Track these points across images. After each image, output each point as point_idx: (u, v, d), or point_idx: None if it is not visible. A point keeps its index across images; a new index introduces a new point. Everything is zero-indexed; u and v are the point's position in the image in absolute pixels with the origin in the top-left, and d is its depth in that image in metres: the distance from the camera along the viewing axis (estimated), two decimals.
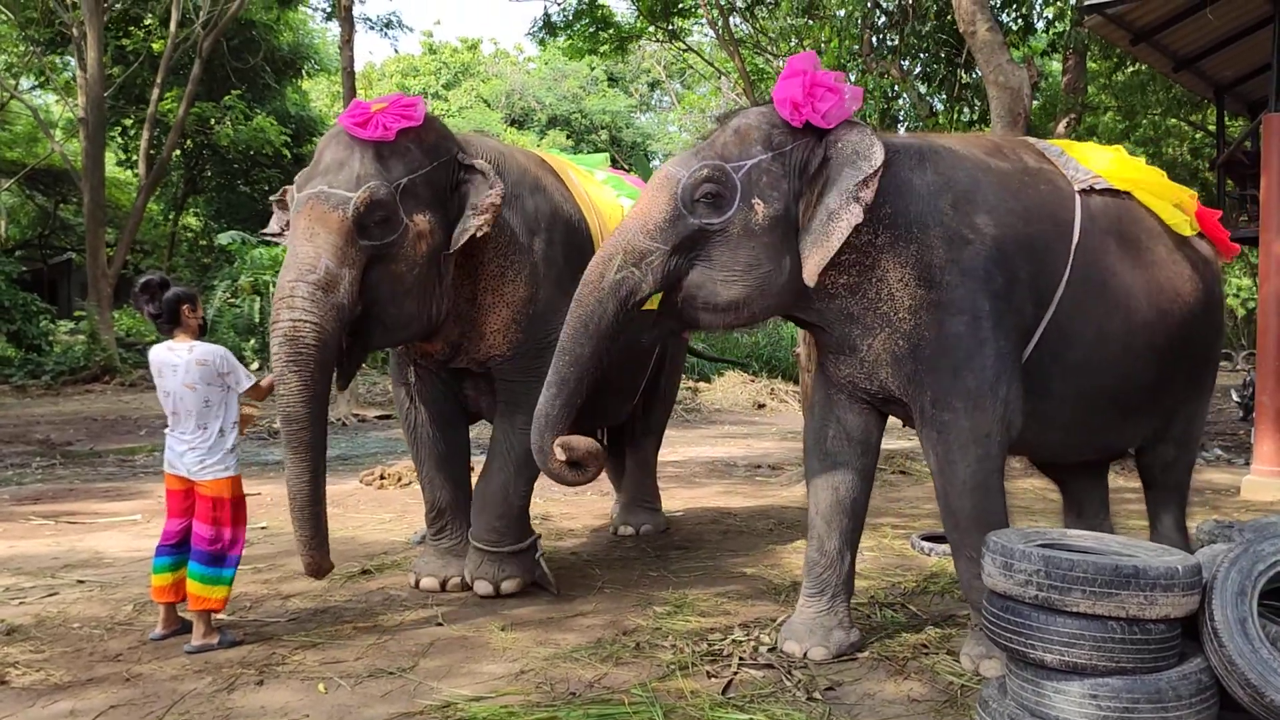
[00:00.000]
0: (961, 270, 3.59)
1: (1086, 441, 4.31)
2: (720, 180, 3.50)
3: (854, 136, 3.57)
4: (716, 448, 11.10)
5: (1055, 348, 3.78)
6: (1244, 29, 10.03)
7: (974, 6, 8.10)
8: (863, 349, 3.73)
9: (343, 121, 4.21)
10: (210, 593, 4.01)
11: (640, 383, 5.83)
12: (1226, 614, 2.97)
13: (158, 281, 4.10)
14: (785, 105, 3.56)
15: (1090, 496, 4.91)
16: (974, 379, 3.60)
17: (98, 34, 18.51)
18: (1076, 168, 4.07)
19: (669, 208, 3.52)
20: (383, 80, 36.90)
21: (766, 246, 3.53)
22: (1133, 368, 4.00)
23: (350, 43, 13.68)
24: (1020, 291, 3.70)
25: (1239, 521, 4.08)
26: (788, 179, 3.55)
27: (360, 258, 4.05)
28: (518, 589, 4.73)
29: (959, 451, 3.64)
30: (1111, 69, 14.36)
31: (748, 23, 16.49)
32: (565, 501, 7.43)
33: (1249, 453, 8.86)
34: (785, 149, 3.56)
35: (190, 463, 4.04)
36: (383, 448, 10.76)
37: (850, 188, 3.46)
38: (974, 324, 3.60)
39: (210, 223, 26.93)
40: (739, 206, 3.50)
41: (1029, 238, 3.72)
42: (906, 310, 3.61)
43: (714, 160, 3.53)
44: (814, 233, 3.51)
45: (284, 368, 3.95)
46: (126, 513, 6.89)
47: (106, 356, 17.67)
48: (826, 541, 3.99)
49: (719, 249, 3.53)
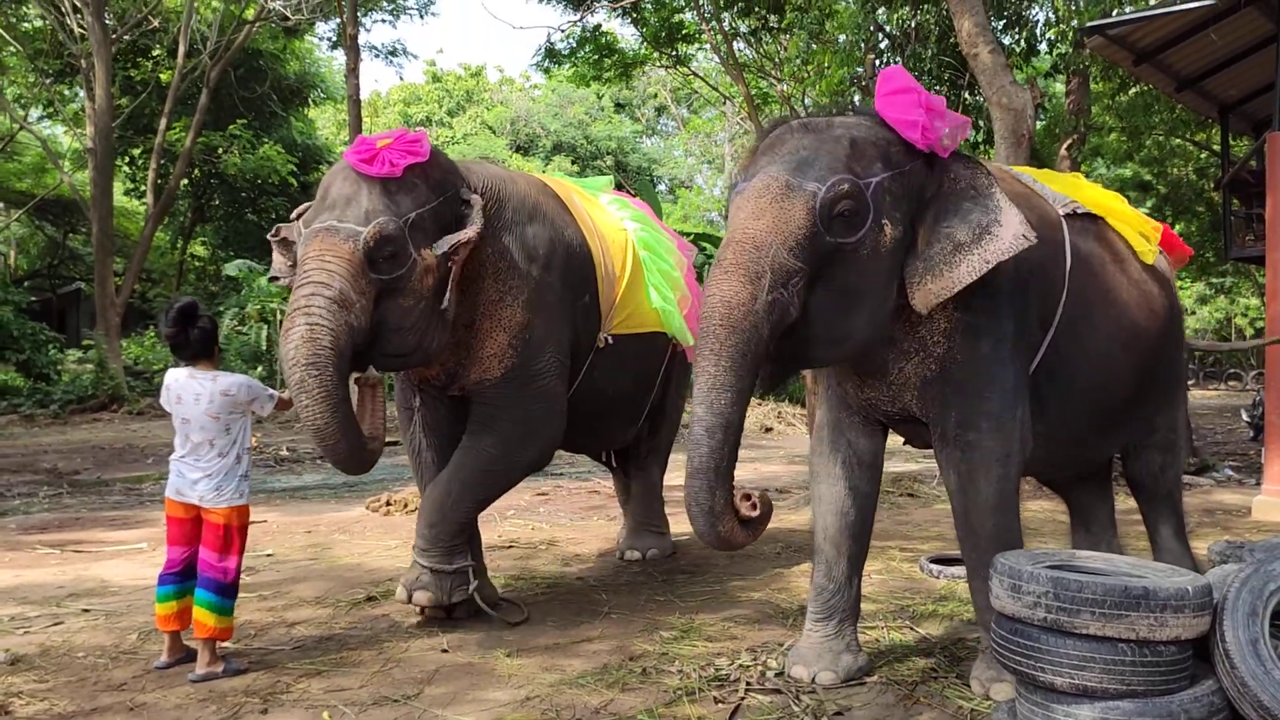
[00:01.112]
0: (990, 293, 3.57)
1: (1069, 456, 4.39)
2: (858, 197, 3.25)
3: (969, 172, 3.50)
4: None
5: (1052, 367, 3.82)
6: (1247, 49, 10.05)
7: (976, 29, 8.14)
8: (893, 372, 3.69)
9: (348, 158, 4.24)
10: (218, 621, 3.99)
11: (645, 405, 5.82)
12: (1238, 635, 2.94)
13: (193, 307, 4.09)
14: (913, 128, 3.40)
15: (1097, 513, 4.94)
16: (998, 401, 3.61)
17: (106, 65, 18.68)
18: (1053, 193, 4.16)
19: (808, 223, 3.22)
20: (387, 108, 37.13)
21: (888, 271, 3.39)
22: (1115, 382, 4.12)
23: (355, 71, 13.78)
24: (1032, 313, 3.74)
25: (1250, 542, 4.04)
26: (907, 200, 3.41)
27: (371, 290, 4.08)
28: (428, 602, 4.57)
29: (982, 471, 3.63)
30: (1115, 90, 14.38)
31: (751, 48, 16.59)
32: (571, 527, 7.40)
33: (1260, 473, 8.80)
34: (904, 169, 3.39)
35: (204, 490, 4.02)
36: (389, 474, 10.73)
37: (982, 224, 3.38)
38: (998, 346, 3.62)
39: (218, 251, 27.07)
40: (870, 226, 3.28)
41: (1038, 261, 3.73)
42: (942, 333, 3.60)
43: (849, 176, 3.27)
44: (932, 260, 3.40)
45: (304, 372, 3.89)
46: (133, 541, 6.88)
47: (114, 385, 17.71)
48: (834, 566, 3.96)
49: (844, 271, 3.30)
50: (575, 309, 4.89)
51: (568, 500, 8.72)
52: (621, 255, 5.26)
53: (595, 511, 8.18)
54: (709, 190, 37.62)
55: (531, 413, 4.69)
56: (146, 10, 20.53)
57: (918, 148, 3.43)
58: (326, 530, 7.26)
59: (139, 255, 20.93)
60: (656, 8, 16.97)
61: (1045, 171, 4.61)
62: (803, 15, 11.98)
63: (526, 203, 4.77)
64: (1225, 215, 12.63)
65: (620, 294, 5.16)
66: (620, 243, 5.32)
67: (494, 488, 4.81)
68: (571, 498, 8.88)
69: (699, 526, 3.28)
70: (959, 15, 8.28)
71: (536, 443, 4.79)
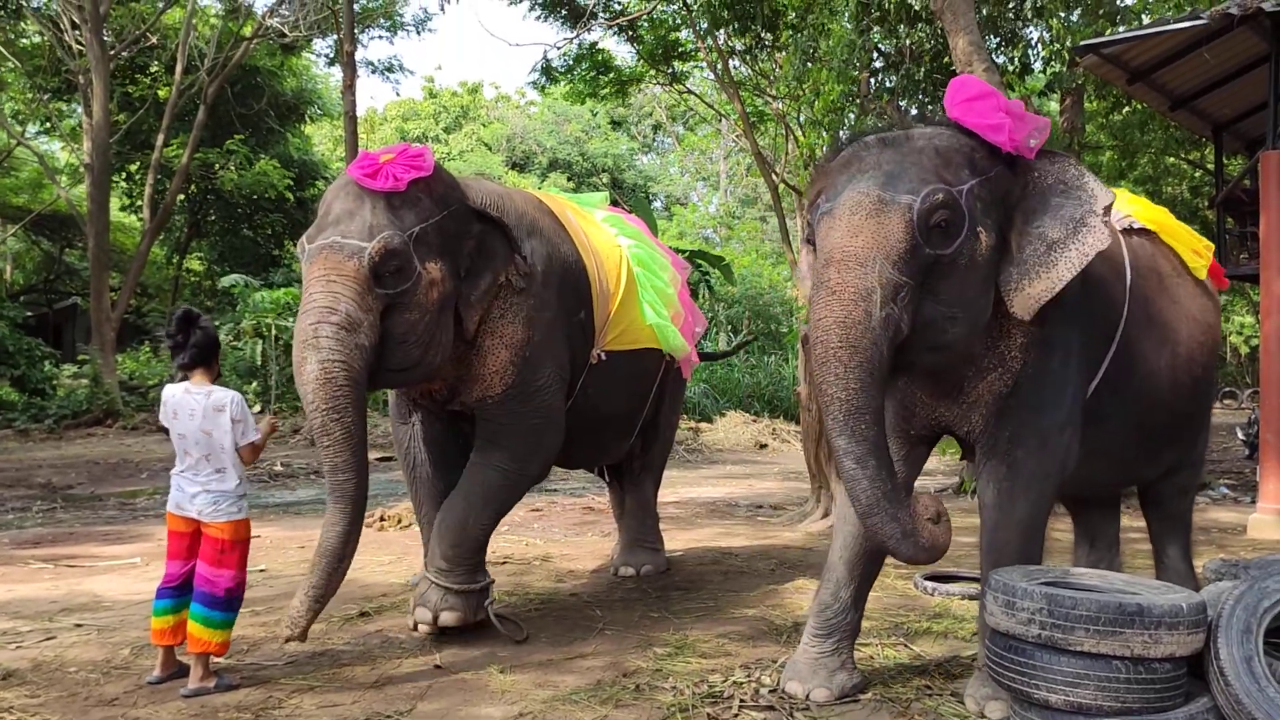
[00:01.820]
0: (1064, 306, 3.53)
1: (1124, 473, 4.42)
2: (953, 206, 3.22)
3: (1055, 166, 3.46)
4: (718, 488, 11.05)
5: (1115, 382, 3.81)
6: (1241, 68, 10.11)
7: (970, 48, 8.18)
8: (967, 389, 3.64)
9: (352, 173, 4.24)
10: (211, 635, 3.97)
11: (639, 420, 5.82)
12: (1232, 652, 2.94)
13: (194, 314, 4.07)
14: (999, 131, 3.36)
15: (1104, 531, 4.95)
16: (1049, 419, 3.60)
17: (104, 81, 18.71)
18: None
19: (907, 237, 3.17)
20: (384, 124, 37.21)
21: (985, 279, 3.35)
22: (1175, 397, 4.12)
23: (352, 88, 13.81)
24: (1097, 329, 3.73)
25: (1245, 559, 4.05)
26: (997, 207, 3.38)
27: (377, 306, 4.09)
28: (456, 622, 4.57)
29: (1023, 489, 3.62)
30: (1109, 108, 14.47)
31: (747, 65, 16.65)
32: (565, 543, 7.39)
33: (1255, 491, 8.81)
34: (990, 174, 3.36)
35: (203, 504, 4.01)
36: (383, 489, 10.71)
37: (1076, 217, 3.34)
38: (1065, 361, 3.60)
39: (213, 266, 27.05)
40: (966, 235, 3.25)
41: (1101, 276, 3.73)
42: (1019, 348, 3.56)
43: (940, 184, 3.23)
44: (1028, 263, 3.35)
45: (325, 418, 3.94)
46: (126, 556, 6.85)
47: (109, 400, 17.67)
48: (844, 588, 3.92)
49: (944, 282, 3.25)
50: (571, 325, 4.90)
51: (562, 516, 8.71)
52: (616, 272, 5.28)
53: (589, 527, 8.17)
54: (704, 207, 37.70)
55: (535, 427, 4.73)
56: (145, 27, 20.61)
57: (1000, 152, 3.38)
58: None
59: (135, 270, 20.93)
60: (652, 25, 17.03)
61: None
62: (797, 33, 12.04)
63: (525, 219, 4.79)
64: (1219, 234, 12.66)
65: (614, 310, 5.17)
66: (615, 259, 5.34)
67: (506, 502, 4.85)
68: (566, 514, 8.87)
69: (903, 553, 3.21)
70: (953, 34, 8.32)
71: (541, 455, 4.84)
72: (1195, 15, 8.31)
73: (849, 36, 10.57)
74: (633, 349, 5.29)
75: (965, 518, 8.60)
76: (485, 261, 4.45)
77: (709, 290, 20.32)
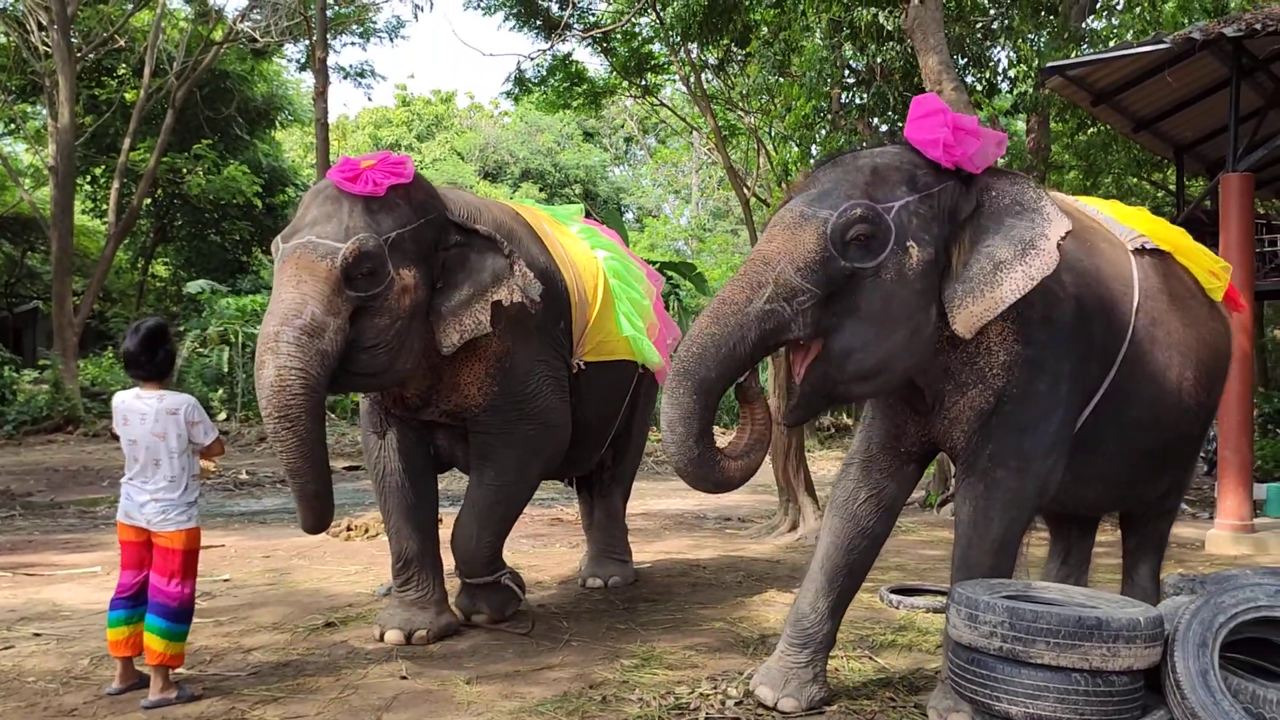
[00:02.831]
0: (1054, 328, 3.55)
1: (1124, 495, 4.36)
2: (874, 221, 3.27)
3: (1011, 186, 3.48)
4: (686, 500, 11.07)
5: (1115, 406, 3.79)
6: (1202, 91, 10.29)
7: (940, 67, 8.28)
8: (949, 406, 3.65)
9: (332, 176, 4.27)
10: (169, 648, 3.90)
11: (611, 431, 5.84)
12: (1189, 665, 2.99)
13: (163, 329, 4.04)
14: (935, 146, 3.41)
15: (1079, 547, 4.95)
16: (1033, 442, 3.58)
17: (70, 83, 18.54)
18: (1120, 226, 4.12)
19: (819, 247, 3.25)
20: (356, 131, 37.08)
21: (920, 294, 3.35)
22: (1178, 422, 4.06)
23: (324, 94, 13.79)
24: (1093, 353, 3.70)
25: (1202, 575, 4.12)
26: (937, 222, 3.39)
27: (346, 308, 4.09)
28: (484, 622, 4.99)
29: (999, 510, 3.62)
30: (1074, 129, 14.66)
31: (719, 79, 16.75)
32: (533, 554, 7.38)
33: (1213, 507, 8.95)
34: (932, 190, 3.39)
35: (152, 513, 3.95)
36: (350, 499, 10.64)
37: (1026, 239, 3.34)
38: (1055, 385, 3.58)
39: (180, 272, 26.80)
40: (892, 250, 3.28)
41: (1102, 298, 3.73)
42: (1001, 366, 3.55)
43: (864, 201, 3.29)
44: (973, 281, 3.36)
45: (276, 424, 3.96)
46: (86, 564, 6.77)
47: (70, 406, 17.45)
48: (822, 599, 3.93)
49: (868, 297, 3.30)
50: (550, 336, 4.93)
51: (529, 527, 8.69)
52: (593, 283, 5.30)
53: (557, 539, 8.16)
54: (676, 220, 37.80)
55: (530, 435, 4.84)
56: (113, 29, 20.44)
57: (949, 168, 3.42)
58: (285, 555, 7.19)
59: (99, 275, 20.70)
60: (626, 38, 17.11)
61: (1111, 203, 4.55)
62: (768, 48, 12.13)
63: (501, 230, 4.80)
64: None
65: (592, 321, 5.20)
66: (592, 270, 5.36)
67: (505, 517, 5.05)
68: (533, 525, 8.85)
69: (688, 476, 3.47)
70: (923, 53, 8.42)
71: (540, 459, 4.99)
72: (1158, 39, 8.46)
73: (820, 53, 10.67)
74: (609, 360, 5.32)
75: (930, 531, 8.68)
76: (464, 275, 4.45)
77: (679, 302, 20.38)
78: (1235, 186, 8.50)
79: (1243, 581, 3.47)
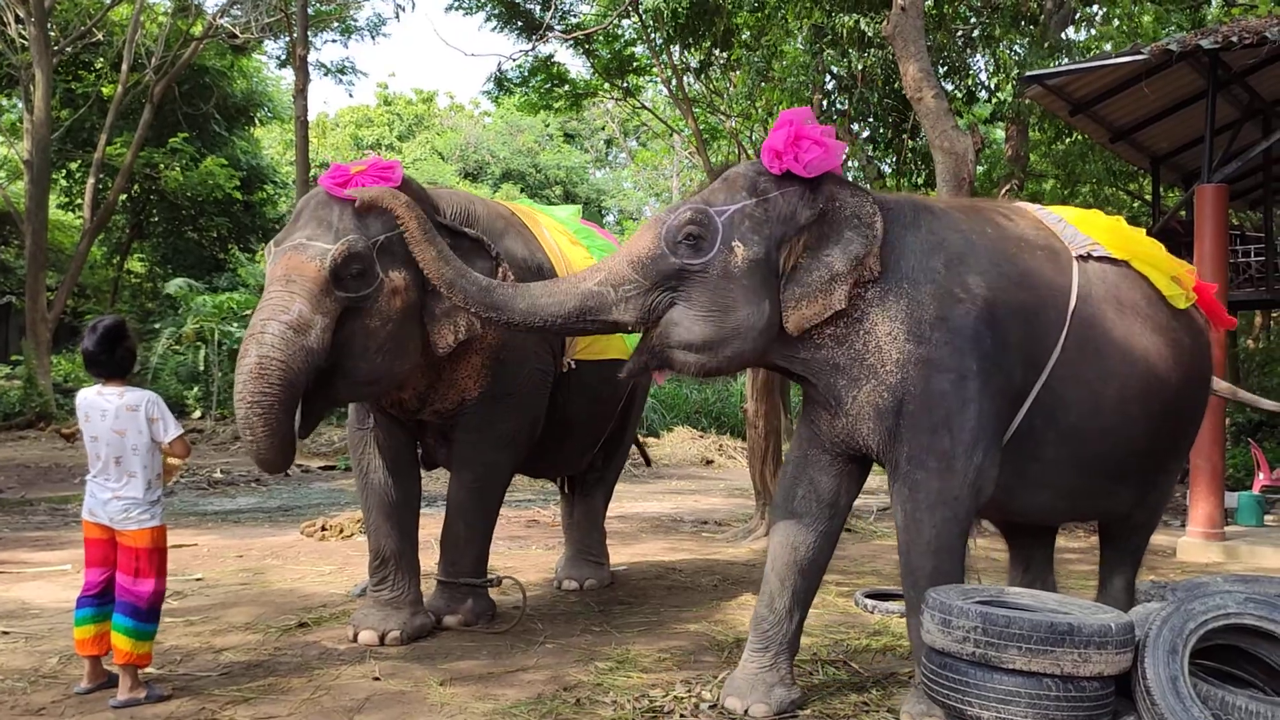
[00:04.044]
0: (950, 328, 3.64)
1: (1078, 505, 4.36)
2: (702, 223, 3.62)
3: (853, 199, 3.71)
4: (663, 503, 11.08)
5: (1049, 412, 3.81)
6: (1178, 103, 10.39)
7: (921, 74, 8.33)
8: (848, 401, 3.74)
9: (323, 182, 4.40)
10: (136, 647, 3.87)
11: (603, 432, 5.87)
12: (1159, 672, 3.02)
13: (120, 327, 4.01)
14: (768, 154, 3.69)
15: (1038, 554, 4.96)
16: (950, 440, 3.63)
17: (46, 76, 18.34)
18: (1075, 234, 4.15)
19: (652, 245, 3.65)
20: (336, 129, 36.88)
21: (745, 290, 3.61)
22: (1128, 433, 4.03)
23: (304, 92, 13.73)
24: (1011, 355, 3.73)
25: (1173, 582, 4.15)
26: (770, 225, 3.65)
27: (334, 308, 4.15)
28: (456, 625, 5.04)
29: (927, 511, 3.66)
30: (1052, 138, 14.76)
31: (701, 83, 16.79)
32: (509, 555, 7.36)
33: (1185, 515, 9.02)
34: (769, 195, 3.67)
35: (114, 511, 3.91)
36: (325, 499, 10.59)
37: (859, 255, 3.61)
38: (960, 383, 3.63)
39: (155, 268, 26.56)
40: (720, 249, 3.60)
41: (1022, 301, 3.78)
42: (894, 364, 3.65)
43: (699, 204, 3.67)
44: (809, 286, 3.63)
45: (248, 410, 3.96)
46: (56, 562, 6.70)
47: (43, 402, 17.27)
48: (777, 599, 3.97)
49: (698, 289, 3.62)
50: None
51: (506, 529, 8.66)
52: None
53: (533, 540, 8.15)
54: None
55: (508, 433, 4.95)
56: (91, 23, 20.23)
57: (793, 175, 3.68)
58: (259, 555, 7.14)
59: (73, 270, 20.47)
60: (608, 40, 17.12)
61: (1089, 212, 4.56)
62: (750, 53, 12.17)
63: (496, 225, 4.90)
64: None
65: None
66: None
67: (493, 506, 5.15)
68: (509, 526, 8.82)
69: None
70: (904, 60, 8.47)
71: (515, 456, 5.11)
72: (1136, 50, 8.53)
73: (802, 58, 10.71)
74: (601, 359, 5.32)
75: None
76: None
77: None
78: (1210, 197, 8.58)
79: (1213, 589, 3.50)
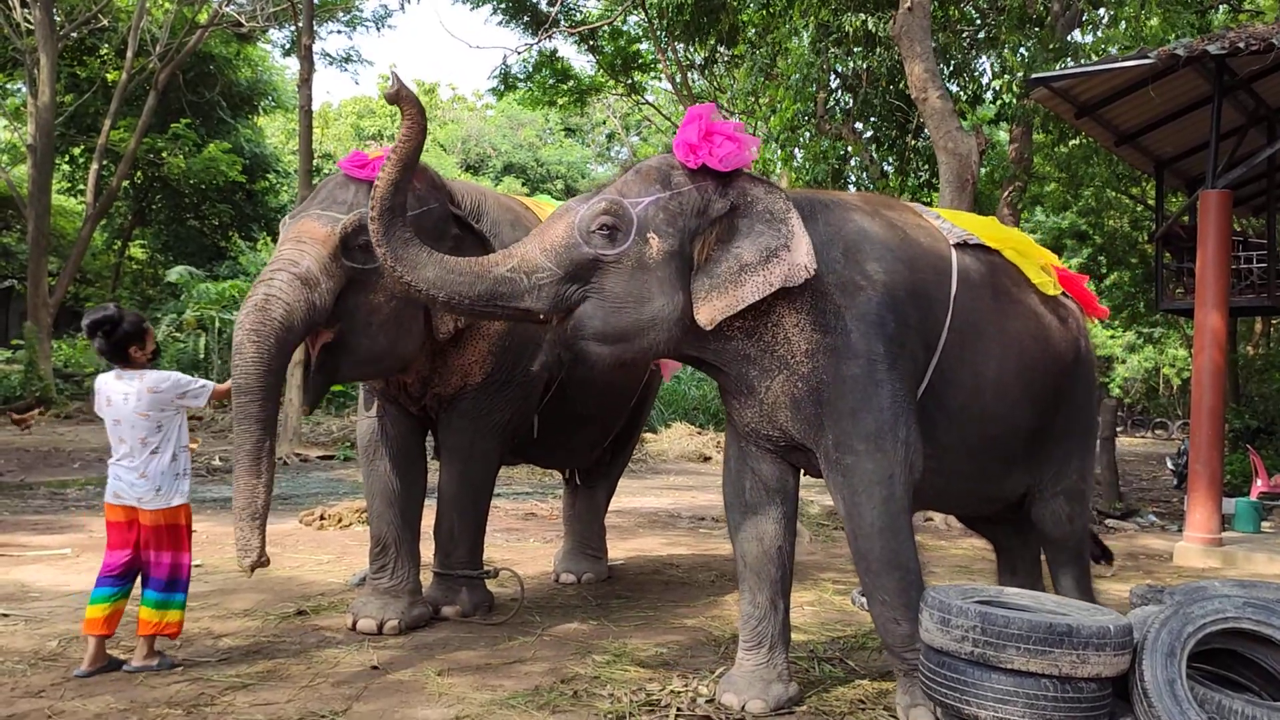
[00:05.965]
0: (855, 316, 3.70)
1: (971, 491, 4.41)
2: (617, 214, 3.60)
3: (766, 196, 3.72)
4: (661, 499, 11.09)
5: (939, 393, 3.90)
6: (1184, 107, 10.38)
7: (926, 75, 8.34)
8: (761, 390, 3.78)
9: (342, 165, 4.58)
10: (163, 616, 4.04)
11: (614, 427, 5.89)
12: (1156, 675, 3.03)
13: (100, 322, 4.03)
14: (682, 148, 3.70)
15: (1022, 556, 4.99)
16: (873, 421, 3.66)
17: (51, 61, 18.34)
18: (950, 226, 4.28)
19: (565, 234, 3.62)
20: (339, 120, 36.87)
21: (659, 281, 3.61)
22: (1010, 415, 4.16)
23: (309, 82, 13.70)
24: (912, 336, 3.81)
25: (1170, 586, 4.16)
26: (684, 217, 3.65)
27: (340, 274, 4.26)
28: (454, 615, 5.07)
29: (864, 494, 3.68)
30: (1056, 140, 14.75)
31: (705, 79, 16.78)
32: (507, 547, 7.37)
33: (1182, 519, 9.04)
34: (683, 189, 3.68)
35: (143, 491, 4.02)
36: (324, 488, 10.60)
37: (770, 248, 3.59)
38: (869, 367, 3.68)
39: (157, 255, 26.56)
40: (634, 240, 3.59)
41: (915, 284, 3.86)
42: (803, 354, 3.69)
43: (613, 195, 3.66)
44: (719, 278, 3.62)
45: (243, 338, 4.03)
46: (56, 546, 6.71)
47: (43, 387, 17.29)
48: (757, 594, 3.99)
49: (612, 280, 3.60)
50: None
51: (503, 521, 8.68)
52: None
53: (531, 533, 8.16)
54: None
55: (505, 419, 4.97)
56: (96, 8, 20.21)
57: (706, 169, 3.68)
58: None
59: (75, 256, 20.47)
60: (613, 36, 17.12)
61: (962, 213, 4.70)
62: (755, 50, 12.16)
63: (506, 215, 4.99)
64: (1157, 268, 12.99)
65: None
66: None
67: (483, 496, 5.16)
68: (507, 519, 8.84)
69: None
70: (909, 60, 8.48)
71: (503, 445, 5.09)
72: (1143, 54, 8.52)
73: (807, 56, 10.70)
74: None
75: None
76: None
77: None
78: (1214, 203, 8.58)
79: (1211, 593, 3.51)
